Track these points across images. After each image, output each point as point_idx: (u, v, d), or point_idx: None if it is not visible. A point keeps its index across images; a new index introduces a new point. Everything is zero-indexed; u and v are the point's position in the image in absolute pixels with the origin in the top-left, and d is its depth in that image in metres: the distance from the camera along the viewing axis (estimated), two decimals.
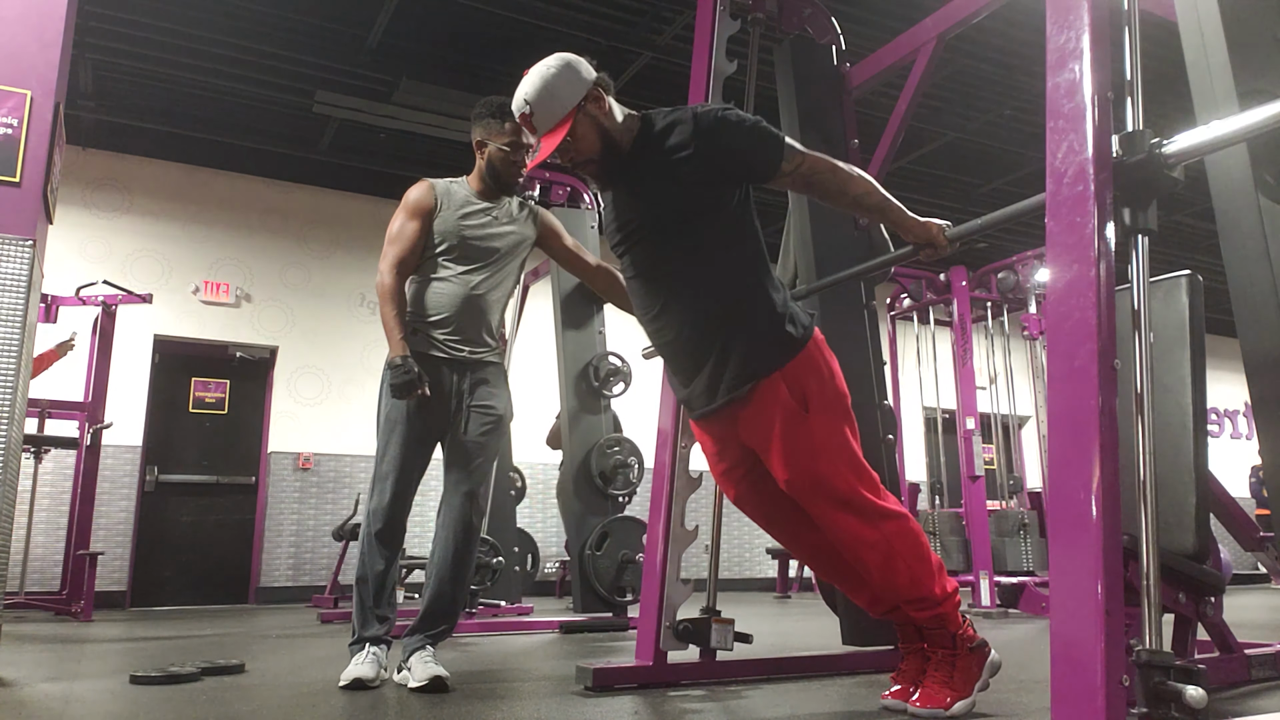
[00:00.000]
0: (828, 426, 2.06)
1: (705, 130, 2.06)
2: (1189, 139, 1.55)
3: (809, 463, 2.03)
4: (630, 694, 2.45)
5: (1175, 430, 2.21)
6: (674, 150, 2.08)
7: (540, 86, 2.12)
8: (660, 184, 2.11)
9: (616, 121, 2.15)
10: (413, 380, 2.56)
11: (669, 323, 2.15)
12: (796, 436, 2.04)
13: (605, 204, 2.30)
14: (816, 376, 2.09)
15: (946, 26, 3.23)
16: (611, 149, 2.14)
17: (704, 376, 2.12)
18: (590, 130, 2.12)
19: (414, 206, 2.75)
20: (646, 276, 2.17)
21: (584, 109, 2.11)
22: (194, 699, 2.37)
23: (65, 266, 6.45)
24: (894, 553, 2.04)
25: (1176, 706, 1.39)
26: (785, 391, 2.05)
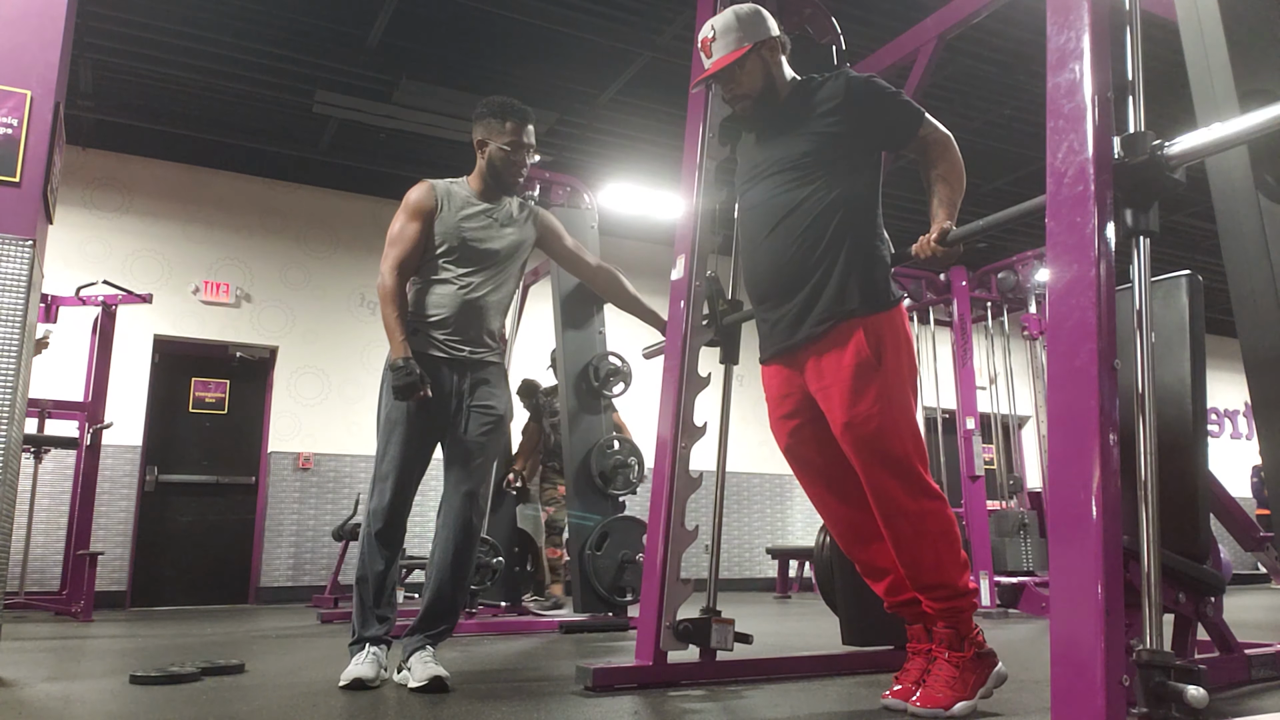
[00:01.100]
0: (897, 387, 2.13)
1: (857, 88, 2.25)
2: (1191, 140, 1.55)
3: (871, 411, 2.09)
4: (630, 694, 2.45)
5: (1175, 430, 2.21)
6: (824, 102, 2.27)
7: (730, 16, 2.37)
8: (806, 128, 2.27)
9: (783, 73, 2.38)
10: (414, 382, 2.56)
11: (780, 243, 2.25)
12: (866, 382, 2.11)
13: (740, 147, 2.48)
14: (895, 339, 2.17)
15: (946, 26, 3.23)
16: (769, 92, 2.36)
17: (798, 301, 2.21)
18: (758, 68, 2.34)
19: (415, 208, 2.75)
20: (768, 204, 2.30)
21: (760, 48, 2.34)
22: (194, 699, 2.37)
23: (65, 266, 6.45)
24: (926, 530, 2.08)
25: (1177, 706, 1.39)
26: (863, 338, 2.13)
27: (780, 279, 2.26)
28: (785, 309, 2.25)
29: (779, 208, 2.28)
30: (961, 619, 2.11)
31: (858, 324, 2.15)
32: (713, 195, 3.00)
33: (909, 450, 2.11)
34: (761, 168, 2.35)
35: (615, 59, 5.93)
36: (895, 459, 2.09)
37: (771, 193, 2.30)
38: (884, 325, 2.17)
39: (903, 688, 2.15)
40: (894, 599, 2.26)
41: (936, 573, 2.09)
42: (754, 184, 2.37)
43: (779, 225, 2.26)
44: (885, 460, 2.09)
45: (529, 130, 2.80)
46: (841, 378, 2.13)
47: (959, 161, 2.25)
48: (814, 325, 2.19)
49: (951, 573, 2.09)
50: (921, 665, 2.16)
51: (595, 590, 4.46)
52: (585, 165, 7.32)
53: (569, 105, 6.45)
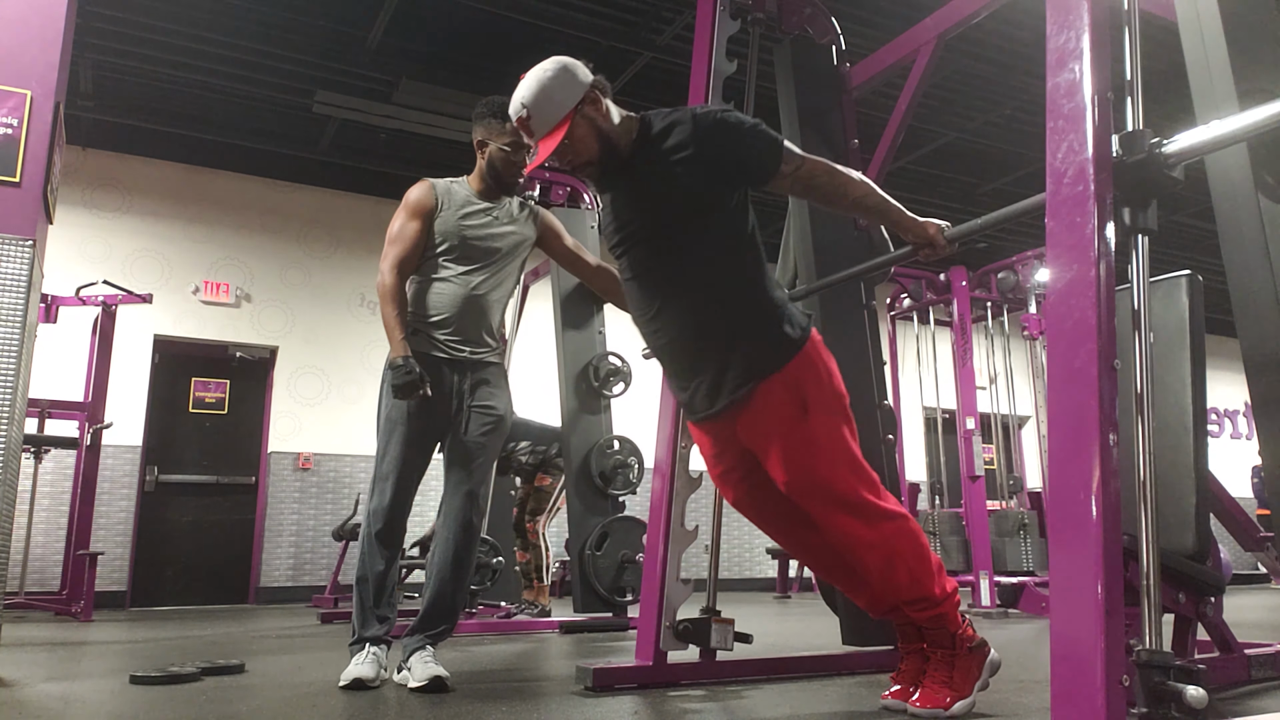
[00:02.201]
0: (826, 427, 2.06)
1: (704, 131, 2.06)
2: (1189, 139, 1.55)
3: (808, 464, 2.03)
4: (630, 694, 2.45)
5: (1175, 430, 2.21)
6: (672, 151, 2.08)
7: (537, 90, 2.12)
8: (658, 185, 2.11)
9: (614, 123, 2.15)
10: (414, 381, 2.56)
11: (666, 324, 2.15)
12: (795, 438, 2.04)
13: (604, 205, 2.30)
14: (815, 378, 2.08)
15: (946, 26, 3.23)
16: (610, 151, 2.14)
17: (705, 379, 2.12)
18: (588, 133, 2.12)
19: (415, 206, 2.75)
20: (644, 278, 2.17)
21: (581, 111, 2.11)
22: (194, 699, 2.37)
23: (65, 266, 6.45)
24: (894, 553, 2.04)
25: (1177, 706, 1.39)
26: (783, 393, 2.05)
27: (678, 361, 2.18)
28: (696, 385, 2.14)
29: (656, 283, 2.14)
30: (947, 621, 2.09)
31: (775, 380, 2.05)
32: None
33: (852, 484, 2.04)
34: (626, 232, 2.18)
35: (615, 59, 5.93)
36: (843, 499, 2.04)
37: (645, 264, 2.16)
38: (800, 369, 2.07)
39: (901, 688, 2.15)
40: (878, 610, 2.23)
41: (912, 589, 2.07)
42: (624, 249, 2.21)
43: (661, 310, 2.14)
44: (833, 503, 2.04)
45: None
46: (772, 438, 2.06)
47: (854, 176, 2.12)
48: (732, 392, 2.08)
49: (926, 584, 2.06)
50: (917, 663, 2.15)
51: (595, 590, 4.46)
52: None
53: None
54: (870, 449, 3.04)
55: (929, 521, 6.30)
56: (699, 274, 2.09)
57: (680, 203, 2.09)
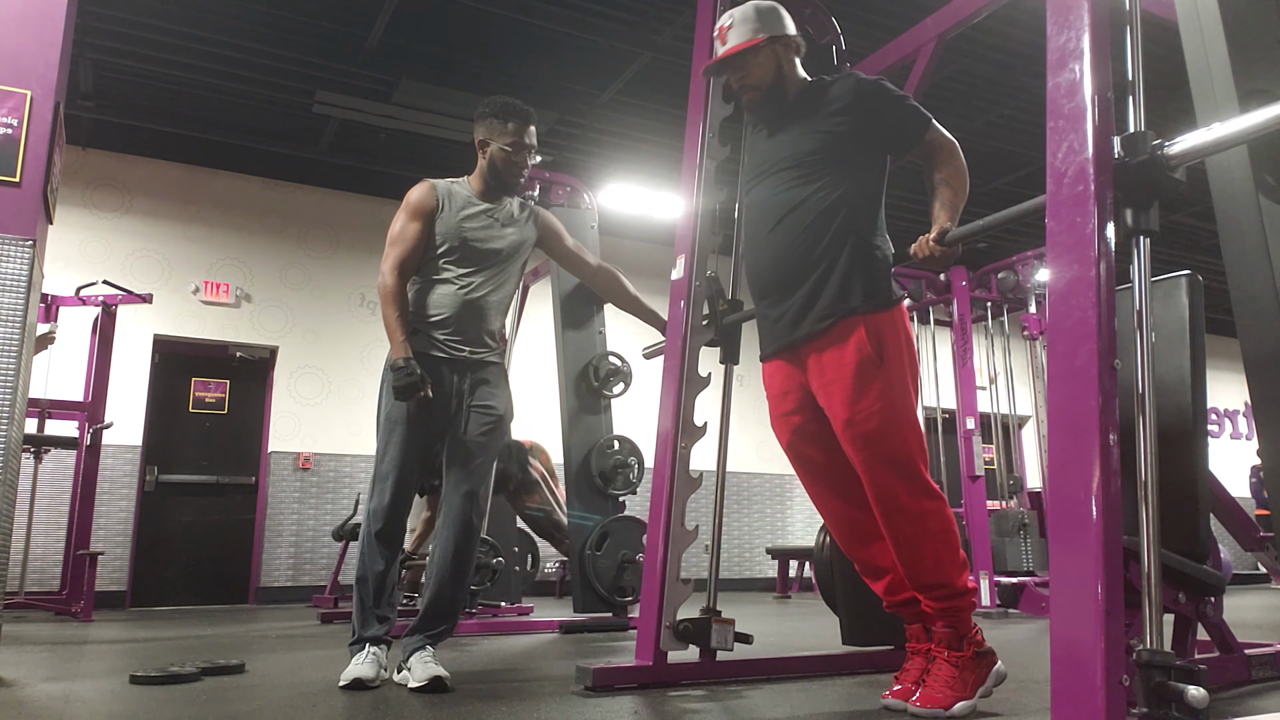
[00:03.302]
0: (899, 384, 2.14)
1: (864, 91, 2.28)
2: (1191, 140, 1.55)
3: (873, 408, 2.09)
4: (630, 694, 2.45)
5: (1175, 430, 2.21)
6: (833, 101, 2.29)
7: (750, 7, 2.41)
8: (814, 127, 2.29)
9: (794, 70, 2.42)
10: (415, 382, 2.56)
11: (783, 235, 2.26)
12: (868, 380, 2.11)
13: (748, 143, 2.51)
14: (895, 336, 2.17)
15: (946, 26, 3.23)
16: (778, 87, 2.38)
17: (800, 297, 2.22)
18: (770, 61, 2.37)
19: (416, 207, 2.75)
20: (772, 202, 2.31)
21: (775, 43, 2.38)
22: (194, 699, 2.37)
23: (65, 266, 6.45)
24: (926, 530, 2.08)
25: (1177, 706, 1.39)
26: (865, 335, 2.14)
27: (782, 275, 2.28)
28: (787, 305, 2.26)
29: (782, 205, 2.29)
30: (960, 618, 2.11)
31: (859, 321, 2.15)
32: (713, 195, 3.00)
33: (910, 449, 2.11)
34: (767, 165, 2.37)
35: (615, 59, 5.92)
36: (897, 458, 2.09)
37: (775, 190, 2.32)
38: (885, 323, 2.17)
39: (902, 687, 2.15)
40: (893, 598, 2.26)
41: (936, 572, 2.09)
42: (759, 181, 2.38)
43: (782, 222, 2.28)
44: (886, 459, 2.09)
45: (530, 131, 2.80)
46: (843, 375, 2.13)
47: (963, 167, 2.26)
48: (815, 322, 2.19)
49: (950, 572, 2.09)
50: (921, 665, 2.15)
51: (595, 590, 4.46)
52: (585, 165, 7.32)
53: (569, 105, 6.45)
54: None
55: None
56: (832, 201, 2.23)
57: (830, 142, 2.26)
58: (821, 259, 2.21)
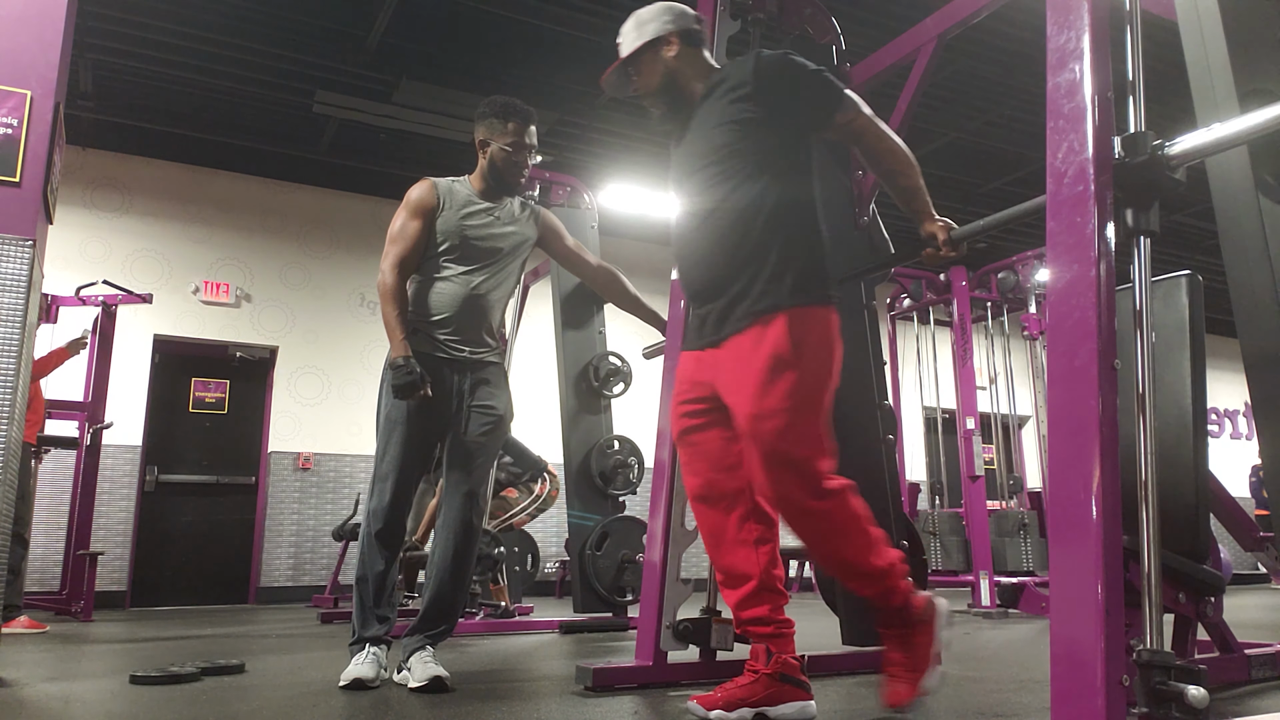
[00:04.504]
0: (813, 386, 2.01)
1: (764, 69, 2.12)
2: (1191, 140, 1.55)
3: (780, 406, 1.96)
4: (630, 694, 2.45)
5: (1175, 430, 2.21)
6: (735, 88, 2.15)
7: (632, 19, 2.34)
8: (720, 118, 2.16)
9: (692, 64, 2.29)
10: (415, 381, 2.56)
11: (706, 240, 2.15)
12: (779, 376, 1.98)
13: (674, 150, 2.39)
14: (818, 337, 2.04)
15: (946, 26, 3.22)
16: (673, 90, 2.28)
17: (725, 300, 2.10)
18: (653, 68, 2.29)
19: (416, 206, 2.75)
20: (691, 207, 2.22)
21: (653, 47, 2.28)
22: (194, 699, 2.37)
23: (65, 266, 6.45)
24: (834, 526, 1.99)
25: (1177, 706, 1.39)
26: (784, 329, 2.00)
27: (707, 281, 2.16)
28: (712, 306, 2.14)
29: (700, 209, 2.17)
30: (891, 596, 2.03)
31: (782, 316, 2.01)
32: None
33: (811, 452, 1.98)
34: (684, 168, 2.25)
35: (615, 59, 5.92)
36: (795, 460, 1.96)
37: (694, 193, 2.20)
38: (810, 321, 2.03)
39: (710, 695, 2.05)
40: (743, 613, 2.12)
41: (855, 564, 2.02)
42: (681, 185, 2.27)
43: (701, 227, 2.16)
44: (785, 460, 1.96)
45: (531, 131, 2.80)
46: (755, 369, 2.00)
47: (900, 148, 2.13)
48: (740, 320, 2.06)
49: (869, 559, 2.01)
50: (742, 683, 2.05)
51: (595, 590, 4.46)
52: (585, 165, 7.32)
53: (569, 105, 6.45)
54: (870, 449, 3.05)
55: (929, 521, 6.29)
56: (752, 198, 2.10)
57: (738, 132, 2.13)
58: (746, 265, 2.07)
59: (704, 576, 2.86)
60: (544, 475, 5.21)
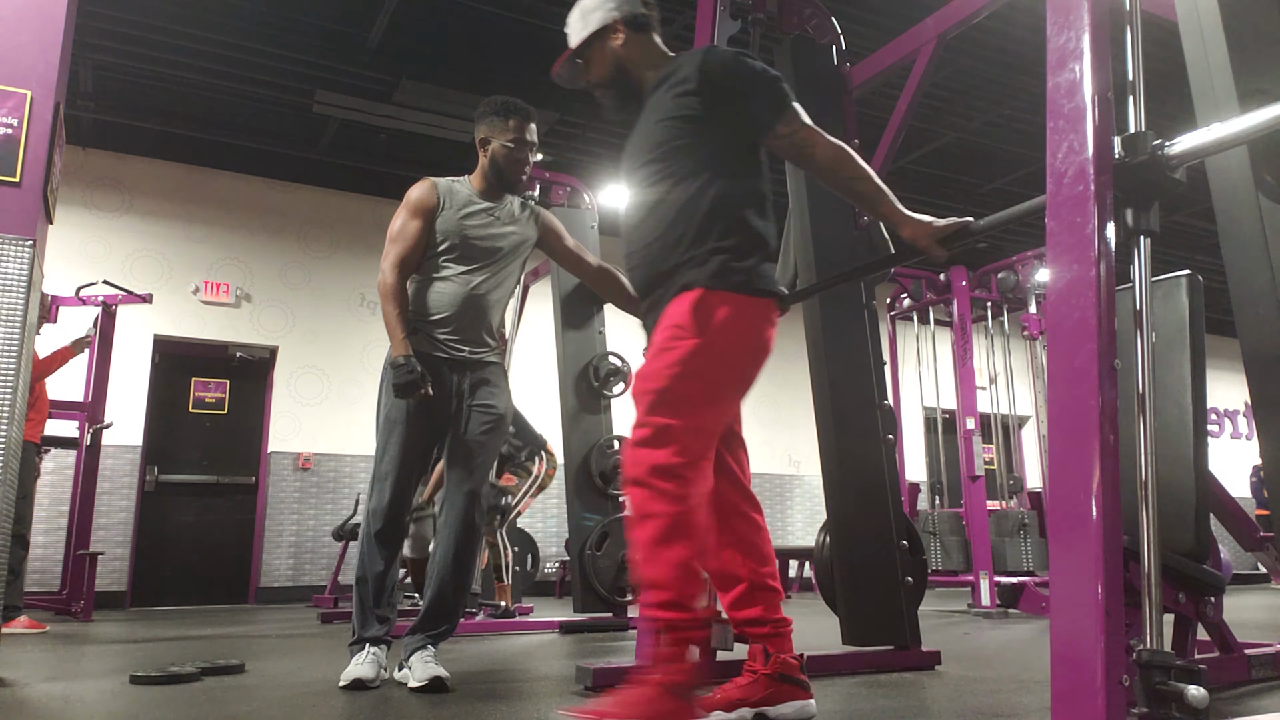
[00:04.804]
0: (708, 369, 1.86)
1: (710, 67, 2.04)
2: (1192, 140, 1.54)
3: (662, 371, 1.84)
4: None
5: (1175, 430, 2.21)
6: (681, 83, 2.07)
7: (577, 8, 2.25)
8: (663, 114, 2.08)
9: (642, 52, 2.19)
10: (416, 380, 2.56)
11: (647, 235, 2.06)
12: (674, 343, 1.87)
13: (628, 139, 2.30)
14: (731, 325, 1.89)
15: (946, 26, 3.23)
16: (623, 80, 2.19)
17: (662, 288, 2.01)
18: (601, 58, 2.20)
19: (416, 205, 2.75)
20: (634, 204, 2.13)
21: (600, 37, 2.19)
22: (194, 699, 2.37)
23: (65, 266, 6.45)
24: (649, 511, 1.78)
25: (1177, 706, 1.39)
26: (694, 304, 1.89)
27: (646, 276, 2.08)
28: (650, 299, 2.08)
29: (641, 206, 2.09)
30: (664, 638, 1.77)
31: (695, 292, 1.90)
32: None
33: (679, 425, 1.81)
34: (631, 161, 2.17)
35: None
36: (662, 424, 1.81)
37: (637, 187, 2.12)
38: (731, 306, 1.89)
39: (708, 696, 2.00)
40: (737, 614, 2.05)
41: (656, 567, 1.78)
42: (628, 178, 2.20)
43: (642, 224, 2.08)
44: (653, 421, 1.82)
45: (531, 128, 2.80)
46: (657, 339, 1.91)
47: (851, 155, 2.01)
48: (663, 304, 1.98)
49: (666, 571, 1.77)
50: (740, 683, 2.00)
51: (595, 590, 4.46)
52: (585, 165, 7.33)
53: (569, 105, 6.45)
54: (870, 449, 3.05)
55: (929, 521, 6.29)
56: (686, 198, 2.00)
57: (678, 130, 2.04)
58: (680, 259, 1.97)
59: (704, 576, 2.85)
60: (542, 454, 5.18)
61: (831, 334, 3.11)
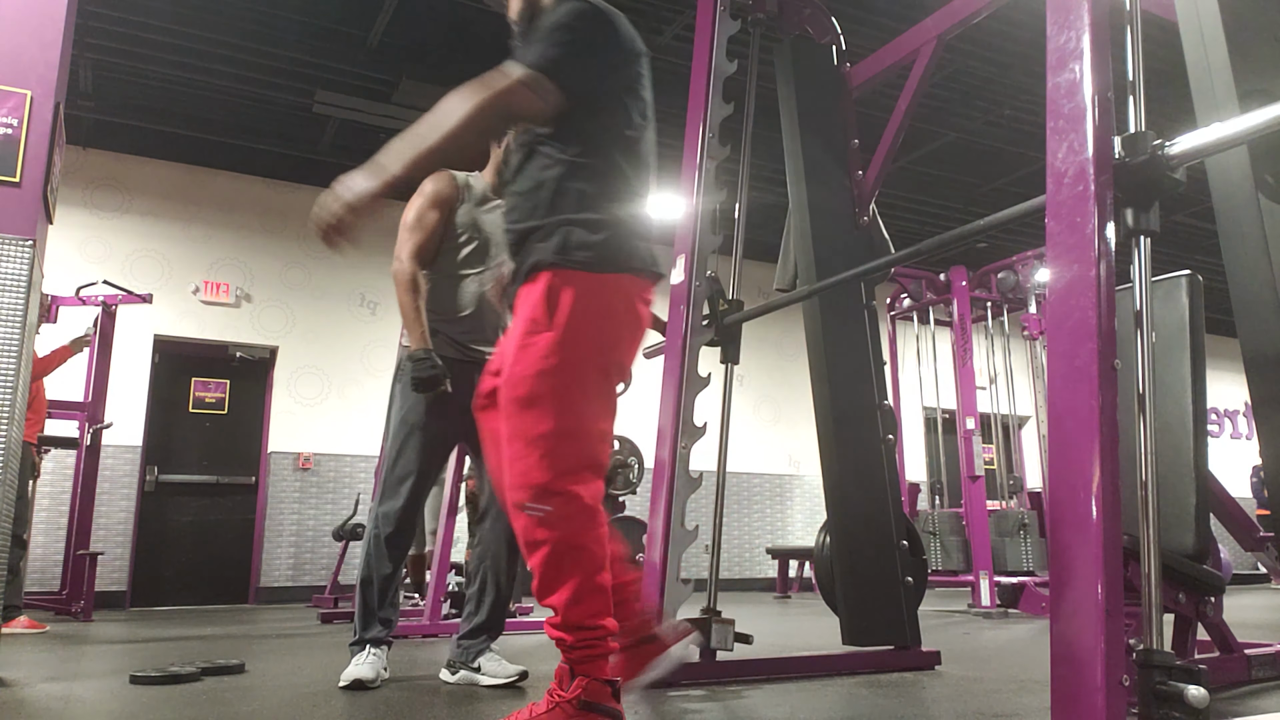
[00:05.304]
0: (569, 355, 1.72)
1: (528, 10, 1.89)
2: (1192, 140, 1.54)
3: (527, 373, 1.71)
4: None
5: (1175, 430, 2.21)
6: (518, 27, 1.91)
7: None
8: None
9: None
10: (437, 374, 2.50)
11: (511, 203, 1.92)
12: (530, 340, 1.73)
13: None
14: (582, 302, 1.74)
15: (946, 26, 3.23)
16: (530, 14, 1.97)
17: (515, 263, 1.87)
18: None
19: (435, 196, 2.70)
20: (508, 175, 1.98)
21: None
22: (194, 699, 2.37)
23: (65, 266, 6.45)
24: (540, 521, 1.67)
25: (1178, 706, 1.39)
26: (544, 291, 1.74)
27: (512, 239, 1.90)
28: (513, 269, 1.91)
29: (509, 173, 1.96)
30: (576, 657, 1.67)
31: (544, 277, 1.75)
32: (713, 195, 3.00)
33: (551, 431, 1.69)
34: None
35: None
36: (534, 436, 1.68)
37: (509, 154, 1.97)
38: (577, 284, 1.73)
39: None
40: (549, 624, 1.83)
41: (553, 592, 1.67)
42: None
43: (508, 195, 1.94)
44: (524, 434, 1.70)
45: None
46: (512, 334, 1.78)
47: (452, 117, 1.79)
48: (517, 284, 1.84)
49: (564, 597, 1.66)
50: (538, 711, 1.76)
51: None
52: None
53: None
54: (870, 449, 3.05)
55: (929, 521, 6.29)
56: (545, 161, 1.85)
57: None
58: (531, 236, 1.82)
59: (704, 577, 2.86)
60: None
61: (831, 334, 3.11)
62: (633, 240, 1.84)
